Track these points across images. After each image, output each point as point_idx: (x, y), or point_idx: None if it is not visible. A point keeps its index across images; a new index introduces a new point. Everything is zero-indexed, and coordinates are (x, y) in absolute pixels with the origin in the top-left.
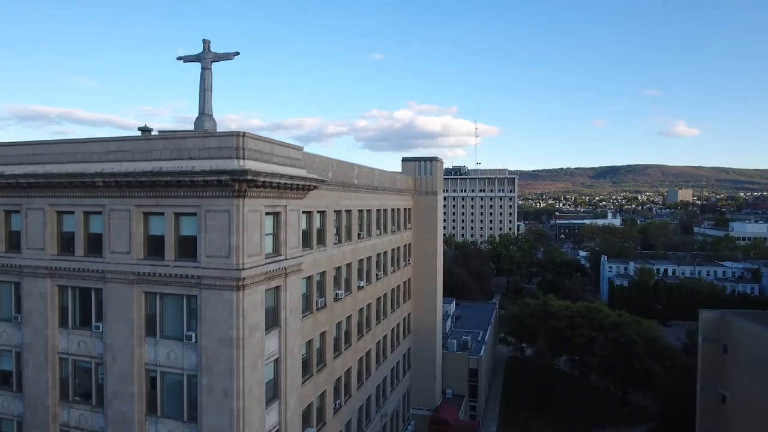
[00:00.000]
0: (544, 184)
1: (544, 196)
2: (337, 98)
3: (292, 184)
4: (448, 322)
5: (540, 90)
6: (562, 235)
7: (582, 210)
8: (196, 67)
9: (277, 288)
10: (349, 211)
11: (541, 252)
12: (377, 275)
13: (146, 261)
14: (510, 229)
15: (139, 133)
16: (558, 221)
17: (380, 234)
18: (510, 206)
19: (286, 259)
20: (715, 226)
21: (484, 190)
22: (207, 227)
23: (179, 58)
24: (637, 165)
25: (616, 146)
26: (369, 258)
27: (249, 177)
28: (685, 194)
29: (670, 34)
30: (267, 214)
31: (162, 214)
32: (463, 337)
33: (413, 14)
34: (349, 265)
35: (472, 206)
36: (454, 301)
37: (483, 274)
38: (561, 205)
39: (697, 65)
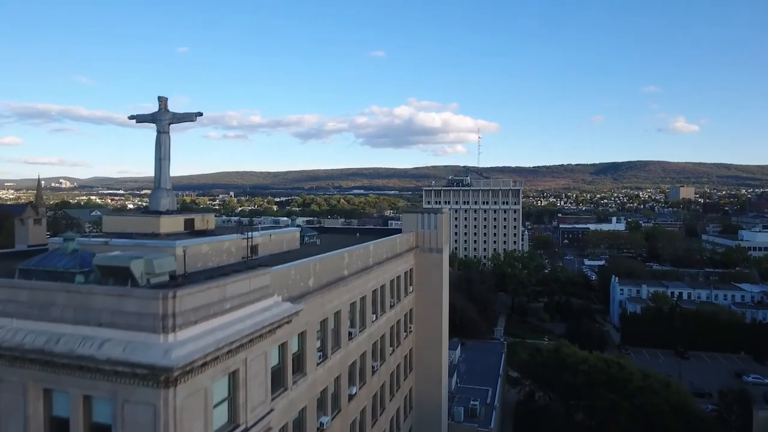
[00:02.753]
0: (544, 180)
1: (545, 194)
2: (337, 95)
3: (251, 338)
4: (454, 379)
5: (539, 86)
6: (566, 240)
7: (584, 208)
8: (197, 65)
9: None
10: (338, 312)
11: (547, 266)
12: (373, 367)
13: None
14: (515, 243)
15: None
16: (561, 225)
17: (377, 318)
18: (515, 218)
19: (247, 429)
20: (722, 232)
21: (487, 202)
22: (125, 422)
23: (131, 117)
24: (637, 161)
25: (616, 143)
26: (363, 354)
27: (177, 373)
28: (686, 192)
29: (668, 29)
30: (218, 379)
31: (66, 392)
32: (471, 401)
33: (413, 11)
34: (338, 378)
35: (475, 218)
36: (459, 347)
37: (487, 302)
38: (562, 203)
39: (695, 61)
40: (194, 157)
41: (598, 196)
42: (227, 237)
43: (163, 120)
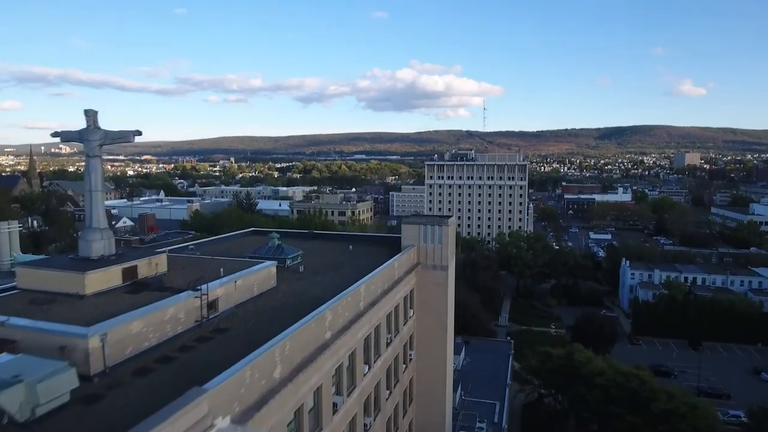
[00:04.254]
0: (548, 145)
1: (548, 159)
2: (338, 57)
3: None
4: (458, 393)
5: (545, 48)
6: (570, 211)
7: (588, 174)
8: (195, 27)
9: None
10: (318, 389)
11: (553, 246)
12: (366, 425)
13: None
14: (520, 219)
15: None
16: (566, 196)
17: (370, 368)
18: (521, 195)
19: None
20: (732, 204)
21: (492, 178)
22: None
23: (54, 135)
24: (643, 126)
25: (621, 106)
26: (354, 417)
27: None
28: (692, 157)
29: None
30: None
31: None
32: (478, 423)
33: None
34: None
35: (480, 194)
36: (463, 350)
37: (492, 290)
38: (566, 169)
39: (704, 23)
40: (194, 121)
41: (602, 161)
42: (172, 300)
43: (92, 141)
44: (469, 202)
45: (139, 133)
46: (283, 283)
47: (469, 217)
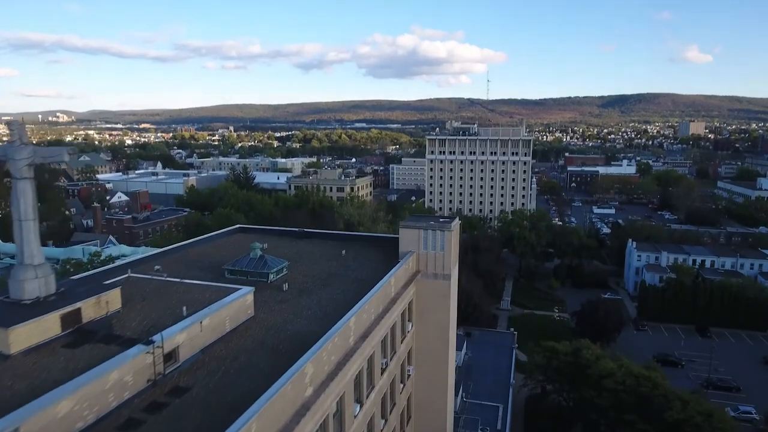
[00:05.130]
0: (551, 113)
1: (551, 128)
2: (338, 22)
3: None
4: (459, 395)
5: (550, 12)
6: (573, 184)
7: (590, 144)
8: None
9: None
10: None
11: (556, 225)
12: None
13: None
14: (524, 196)
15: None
16: (569, 168)
17: (362, 406)
18: (524, 171)
19: None
20: (738, 178)
21: (495, 153)
22: None
23: None
24: (647, 94)
25: (625, 74)
26: None
27: None
28: (696, 127)
29: None
30: None
31: None
32: (480, 429)
33: None
34: None
35: (482, 170)
36: (464, 344)
37: (495, 274)
38: (569, 138)
39: None
40: (193, 89)
41: (605, 130)
42: (117, 361)
43: (18, 160)
44: (471, 178)
45: (74, 150)
46: (263, 308)
47: (471, 194)
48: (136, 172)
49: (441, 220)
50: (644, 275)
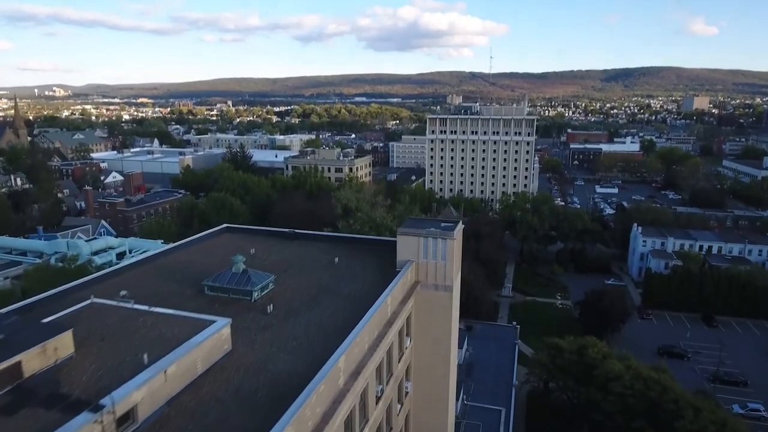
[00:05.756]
0: (553, 87)
1: (552, 102)
2: None
3: None
4: (460, 399)
5: None
6: (576, 161)
7: (593, 119)
8: None
9: None
10: None
11: (559, 208)
12: None
13: None
14: (526, 177)
15: None
16: (572, 146)
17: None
18: (527, 151)
19: None
20: (743, 156)
21: (498, 133)
22: None
23: None
24: (651, 67)
25: (629, 47)
26: None
27: None
28: (700, 102)
29: None
30: None
31: None
32: None
33: None
34: None
35: (484, 150)
36: (465, 341)
37: (497, 262)
38: (571, 113)
39: None
40: (191, 63)
41: (608, 105)
42: None
43: None
44: (473, 158)
45: None
46: (243, 337)
47: (472, 174)
48: (132, 150)
49: (443, 225)
50: (650, 262)
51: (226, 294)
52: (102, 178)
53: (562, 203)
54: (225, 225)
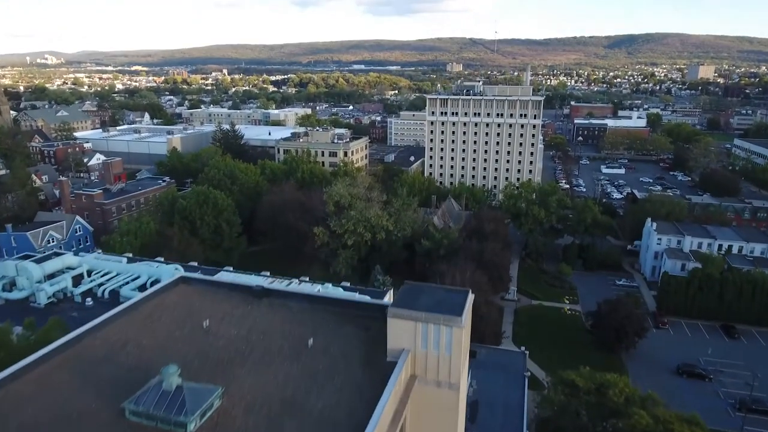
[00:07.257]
0: (555, 54)
1: (554, 70)
2: None
3: None
4: None
5: None
6: (580, 137)
7: (596, 89)
8: None
9: None
10: None
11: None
12: None
13: None
14: (531, 162)
15: None
16: (576, 121)
17: None
18: (533, 135)
19: None
20: (755, 134)
21: (502, 114)
22: None
23: None
24: (655, 33)
25: (634, 12)
26: None
27: None
28: (705, 71)
29: None
30: None
31: None
32: None
33: None
34: None
35: (487, 133)
36: (470, 372)
37: (502, 265)
38: (573, 82)
39: None
40: (185, 29)
41: (611, 74)
42: None
43: None
44: (475, 142)
45: None
46: None
47: (474, 159)
48: (118, 128)
49: (446, 302)
50: (665, 263)
51: (153, 422)
52: (86, 160)
53: (567, 186)
54: (180, 276)
